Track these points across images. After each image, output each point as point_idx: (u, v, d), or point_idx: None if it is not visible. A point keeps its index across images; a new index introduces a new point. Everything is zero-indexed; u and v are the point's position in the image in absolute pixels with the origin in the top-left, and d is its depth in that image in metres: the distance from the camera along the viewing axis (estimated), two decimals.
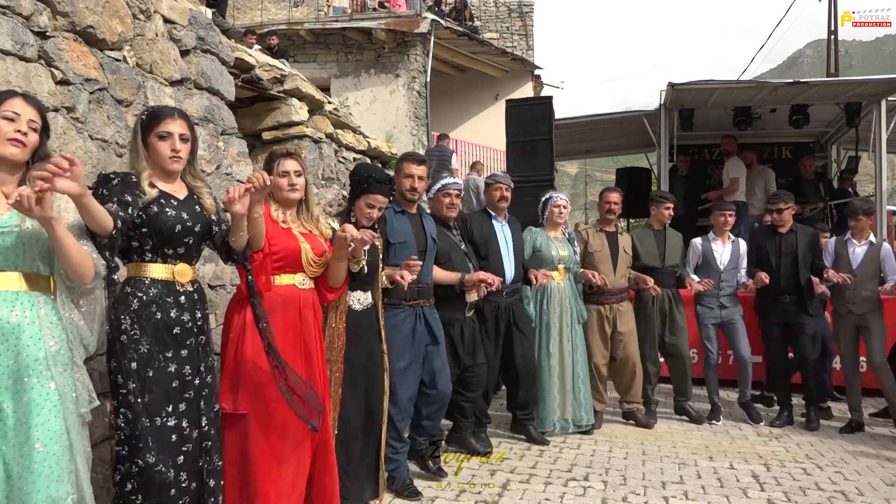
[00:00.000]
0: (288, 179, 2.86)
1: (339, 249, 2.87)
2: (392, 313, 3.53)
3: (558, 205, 4.88)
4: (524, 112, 7.36)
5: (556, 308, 4.75)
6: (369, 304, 3.30)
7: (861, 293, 5.13)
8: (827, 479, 4.10)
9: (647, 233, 5.44)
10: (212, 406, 2.53)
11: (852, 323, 5.20)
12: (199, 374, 2.47)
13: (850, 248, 5.27)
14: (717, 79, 9.87)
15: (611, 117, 9.08)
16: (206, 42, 4.16)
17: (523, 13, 18.15)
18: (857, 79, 7.58)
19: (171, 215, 2.39)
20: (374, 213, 3.24)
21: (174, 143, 2.41)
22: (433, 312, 3.75)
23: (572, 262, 4.87)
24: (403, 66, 13.46)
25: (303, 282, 2.87)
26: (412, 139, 13.18)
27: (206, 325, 2.54)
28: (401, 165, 3.79)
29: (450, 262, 4.03)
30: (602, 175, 33.78)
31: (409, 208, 3.75)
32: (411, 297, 3.60)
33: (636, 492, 3.78)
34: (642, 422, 5.19)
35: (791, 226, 5.36)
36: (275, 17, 14.79)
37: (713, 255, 5.44)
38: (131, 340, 2.30)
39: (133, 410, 2.28)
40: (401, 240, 3.57)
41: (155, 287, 2.38)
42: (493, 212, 4.58)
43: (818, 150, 9.70)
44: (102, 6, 3.24)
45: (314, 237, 2.93)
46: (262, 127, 6.22)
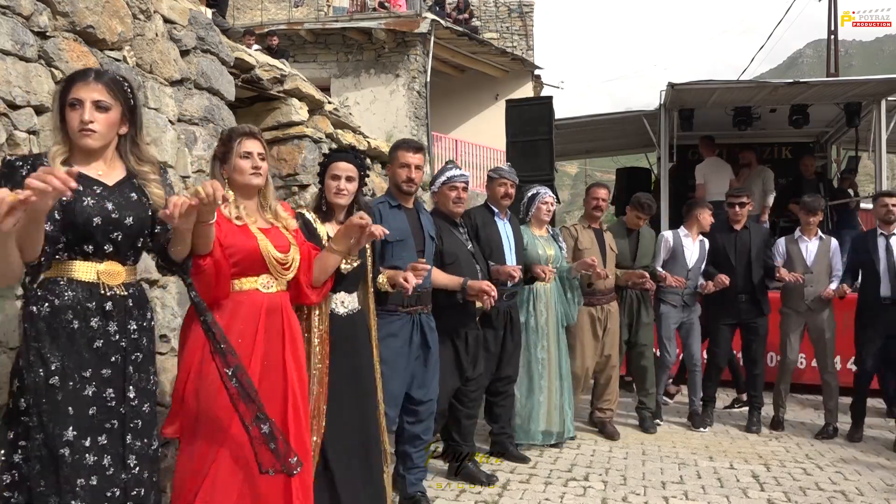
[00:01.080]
0: (251, 161, 2.43)
1: (342, 238, 2.59)
2: (387, 321, 3.19)
3: (546, 202, 4.58)
4: (524, 112, 7.35)
5: (542, 311, 4.47)
6: (355, 309, 2.90)
7: (819, 290, 5.11)
8: (827, 479, 4.10)
9: (621, 231, 5.25)
10: (145, 441, 2.03)
11: (803, 321, 5.19)
12: (126, 399, 1.99)
13: (801, 245, 5.27)
14: (717, 79, 9.88)
15: (611, 117, 9.08)
16: (206, 42, 4.16)
17: (523, 13, 18.15)
18: (857, 79, 7.58)
19: (89, 205, 1.95)
20: (341, 184, 2.84)
21: (83, 112, 1.96)
22: (430, 320, 3.43)
23: (559, 261, 4.58)
24: (403, 66, 13.46)
25: (267, 285, 2.43)
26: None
27: (144, 338, 2.09)
28: (395, 154, 3.40)
29: (457, 264, 3.70)
30: (602, 175, 33.75)
31: (405, 202, 3.39)
32: (409, 303, 3.26)
33: (636, 492, 3.78)
34: (609, 431, 4.94)
35: (745, 223, 5.31)
36: (275, 17, 14.80)
37: (683, 252, 5.26)
38: (39, 356, 1.86)
39: (34, 444, 1.83)
40: (398, 237, 3.21)
41: (72, 290, 1.94)
42: (495, 208, 4.30)
43: (818, 150, 9.70)
44: (102, 6, 3.24)
45: (276, 231, 2.50)
46: (262, 127, 6.20)
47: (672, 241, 5.32)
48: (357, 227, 2.55)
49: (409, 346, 3.29)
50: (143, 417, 2.04)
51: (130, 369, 2.02)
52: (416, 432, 3.43)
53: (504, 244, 4.20)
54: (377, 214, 3.23)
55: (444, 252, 3.68)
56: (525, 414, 4.46)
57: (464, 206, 3.86)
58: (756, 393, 5.27)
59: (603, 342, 4.89)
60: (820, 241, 5.27)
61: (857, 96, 7.60)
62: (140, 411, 2.03)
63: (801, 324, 5.21)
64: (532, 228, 4.60)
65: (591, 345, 4.85)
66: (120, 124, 2.09)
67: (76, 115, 1.98)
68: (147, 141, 2.28)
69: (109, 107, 2.02)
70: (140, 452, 2.01)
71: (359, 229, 2.56)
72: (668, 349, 5.26)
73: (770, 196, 8.04)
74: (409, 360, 3.30)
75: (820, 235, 5.30)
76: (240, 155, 2.43)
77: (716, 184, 7.91)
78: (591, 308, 4.83)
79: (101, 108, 2.00)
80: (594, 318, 4.85)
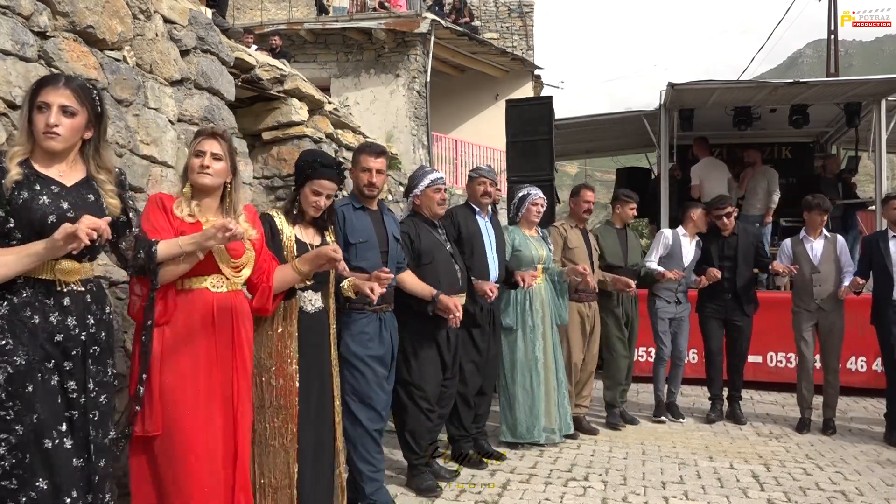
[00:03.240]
0: (201, 160, 2.44)
1: (310, 262, 2.64)
2: (355, 319, 3.25)
3: (536, 202, 4.61)
4: (524, 112, 7.36)
5: (538, 310, 4.51)
6: (320, 307, 2.97)
7: (829, 288, 5.17)
8: (827, 479, 4.10)
9: (610, 231, 5.37)
10: (102, 432, 2.11)
11: (814, 320, 5.22)
12: (87, 391, 2.06)
13: (807, 245, 5.32)
14: (717, 79, 9.89)
15: (611, 117, 9.08)
16: (206, 42, 4.16)
17: (523, 13, 18.14)
18: (857, 79, 7.59)
19: (44, 203, 2.00)
20: (321, 201, 2.89)
21: (49, 115, 2.03)
22: (393, 319, 3.45)
23: (549, 261, 4.66)
24: (403, 66, 13.45)
25: (217, 284, 2.46)
26: (412, 139, 13.17)
27: (102, 332, 2.14)
28: (357, 158, 3.44)
29: (433, 264, 3.72)
30: (602, 175, 33.75)
31: (368, 204, 3.44)
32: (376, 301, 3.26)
33: (636, 492, 3.78)
34: (587, 428, 5.01)
35: (733, 228, 5.42)
36: (275, 17, 14.80)
37: (681, 250, 5.42)
38: (2, 351, 1.93)
39: (15, 435, 1.91)
40: (361, 239, 3.29)
41: (30, 287, 2.00)
42: (476, 207, 4.29)
43: (818, 150, 9.71)
44: (102, 6, 3.24)
45: None
46: (262, 127, 6.21)
47: (671, 239, 5.44)
48: (328, 258, 2.61)
49: (380, 341, 3.33)
50: (101, 409, 2.11)
51: (90, 362, 2.08)
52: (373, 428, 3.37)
53: (485, 243, 4.20)
54: (340, 217, 3.27)
55: (421, 252, 3.71)
56: (525, 413, 4.47)
57: (445, 208, 3.91)
58: (736, 387, 5.47)
59: (589, 339, 4.99)
60: (826, 239, 5.29)
61: (857, 96, 7.60)
62: (98, 402, 2.10)
63: (813, 322, 5.23)
64: (522, 229, 4.65)
65: (578, 340, 4.93)
66: (85, 129, 2.14)
67: (42, 118, 2.04)
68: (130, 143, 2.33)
69: (76, 112, 2.08)
70: (98, 443, 2.08)
71: (329, 262, 2.63)
72: (664, 342, 5.39)
73: (775, 196, 8.05)
74: (385, 353, 3.36)
75: (825, 234, 5.33)
76: (193, 153, 2.48)
77: (712, 184, 7.94)
78: (580, 305, 4.92)
79: (68, 113, 2.06)
80: (583, 315, 4.94)
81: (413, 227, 3.77)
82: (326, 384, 2.98)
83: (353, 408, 3.23)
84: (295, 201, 2.96)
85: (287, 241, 2.88)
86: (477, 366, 4.13)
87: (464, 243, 4.08)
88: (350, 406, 3.22)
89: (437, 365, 3.75)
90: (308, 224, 2.99)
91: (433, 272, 3.70)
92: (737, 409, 5.50)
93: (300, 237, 2.94)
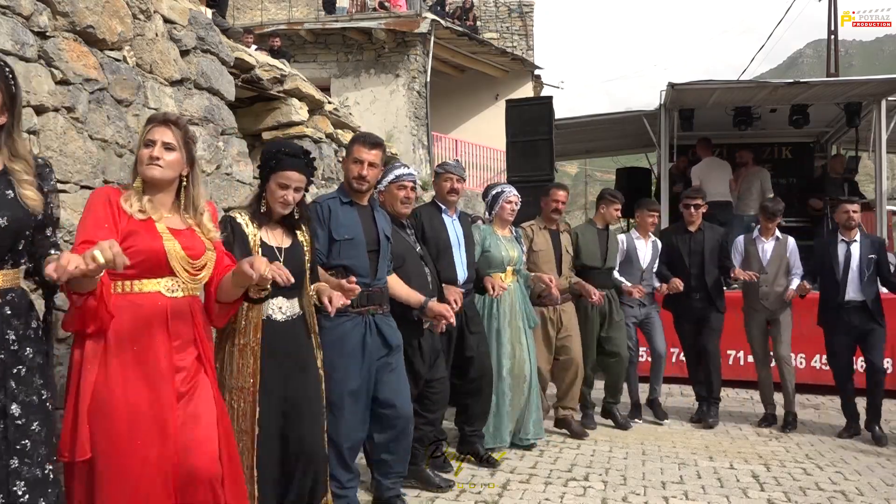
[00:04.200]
0: (150, 151, 2.16)
1: (239, 279, 2.24)
2: (336, 323, 2.96)
3: (510, 201, 4.41)
4: (524, 112, 7.37)
5: (506, 312, 4.31)
6: (295, 314, 2.67)
7: (774, 289, 5.25)
8: (827, 479, 4.10)
9: (591, 231, 5.17)
10: (37, 463, 1.81)
11: (764, 318, 5.32)
12: (9, 417, 1.77)
13: (758, 246, 5.40)
14: (717, 79, 9.90)
15: (611, 117, 9.09)
16: (206, 42, 4.16)
17: (523, 13, 18.15)
18: (857, 79, 7.60)
19: None
20: (288, 195, 2.60)
21: None
22: (388, 320, 3.19)
23: (521, 263, 4.45)
24: (403, 66, 13.45)
25: (172, 288, 2.15)
26: (412, 139, 13.18)
27: (28, 348, 1.87)
28: (350, 148, 3.20)
29: (404, 268, 3.47)
30: (602, 175, 33.75)
31: (358, 199, 3.18)
32: (359, 303, 3.02)
33: (636, 492, 3.78)
34: (576, 431, 4.84)
35: (700, 225, 5.39)
36: (275, 17, 14.80)
37: (636, 253, 5.33)
38: None
39: None
40: (347, 236, 3.03)
41: None
42: (443, 205, 4.04)
43: (818, 150, 9.72)
44: (102, 6, 3.24)
45: (192, 235, 2.23)
46: (262, 127, 6.21)
47: (626, 244, 5.36)
48: (242, 271, 2.16)
49: (363, 349, 3.05)
50: (32, 437, 1.80)
51: (12, 384, 1.80)
52: (384, 441, 3.21)
53: (452, 243, 3.96)
54: (326, 211, 3.06)
55: (391, 255, 3.44)
56: (491, 418, 4.28)
57: (411, 208, 3.67)
58: (713, 389, 5.38)
59: (559, 343, 4.78)
60: (777, 241, 5.39)
61: (857, 96, 7.61)
62: (27, 430, 1.80)
63: (763, 320, 5.34)
64: (495, 228, 4.45)
65: (542, 345, 4.71)
66: None
67: None
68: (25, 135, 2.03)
69: None
70: (29, 477, 1.78)
71: (247, 279, 2.18)
72: (632, 346, 5.27)
73: (768, 195, 8.06)
74: (364, 364, 3.05)
75: (777, 236, 5.42)
76: (143, 142, 2.19)
77: (714, 184, 7.97)
78: (544, 309, 4.74)
79: None
80: (547, 319, 4.74)
81: None
82: (308, 400, 2.66)
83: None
84: (261, 199, 2.67)
85: (252, 244, 2.57)
86: (452, 370, 3.92)
87: (428, 244, 3.83)
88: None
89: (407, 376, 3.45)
90: (276, 224, 2.69)
91: (403, 277, 3.45)
92: (713, 411, 5.34)
93: (266, 240, 2.63)
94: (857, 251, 5.03)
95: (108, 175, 3.17)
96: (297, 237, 2.74)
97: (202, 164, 3.84)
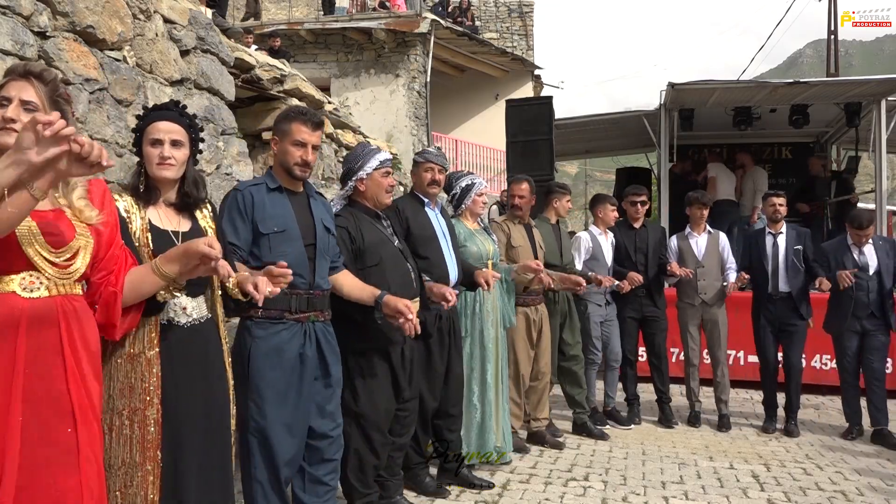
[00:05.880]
0: (3, 112, 1.69)
1: (177, 260, 1.87)
2: (269, 332, 2.49)
3: (482, 193, 4.10)
4: (524, 112, 7.36)
5: (489, 313, 3.93)
6: (203, 317, 2.15)
7: (712, 283, 5.29)
8: (827, 479, 4.11)
9: (544, 227, 4.83)
10: None
11: (699, 315, 5.34)
12: None
13: (691, 241, 5.43)
14: (717, 79, 9.91)
15: (611, 117, 9.10)
16: (206, 42, 4.16)
17: (523, 13, 18.17)
18: (857, 79, 7.60)
19: None
20: (165, 150, 2.07)
21: None
22: (328, 329, 2.68)
23: (497, 257, 4.07)
24: (403, 66, 13.46)
25: (31, 286, 1.67)
26: (412, 139, 13.18)
27: None
28: (288, 127, 2.64)
29: (381, 265, 3.02)
30: (602, 175, 33.75)
31: (291, 186, 2.69)
32: (299, 307, 2.55)
33: (636, 492, 3.78)
34: (553, 442, 4.57)
35: (643, 222, 5.42)
36: (275, 17, 14.80)
37: (601, 249, 5.23)
38: None
39: None
40: (277, 228, 2.53)
41: None
42: (424, 197, 3.67)
43: (818, 150, 9.72)
44: (102, 6, 3.24)
45: (59, 216, 1.74)
46: (262, 127, 6.21)
47: (591, 241, 5.27)
48: (200, 255, 1.82)
49: (302, 365, 2.55)
50: None
51: None
52: (319, 475, 2.69)
53: (439, 237, 3.58)
54: (248, 200, 2.55)
55: (364, 251, 3.00)
56: (476, 430, 3.93)
57: (391, 197, 3.26)
58: (664, 388, 5.36)
59: (537, 348, 4.46)
60: (709, 235, 5.43)
61: (857, 96, 7.61)
62: None
63: (698, 316, 5.36)
64: (465, 221, 4.07)
65: (525, 348, 4.37)
66: None
67: None
68: None
69: None
70: None
71: (202, 259, 1.84)
72: (596, 348, 5.16)
73: (760, 195, 8.10)
74: (303, 385, 2.56)
75: (708, 230, 5.45)
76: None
77: (726, 184, 8.24)
78: (527, 309, 4.38)
79: None
80: (529, 321, 4.39)
81: (352, 221, 3.03)
82: (219, 422, 2.15)
83: (252, 449, 2.51)
84: (140, 174, 2.13)
85: (139, 231, 2.05)
86: (435, 384, 3.50)
87: (416, 241, 3.43)
88: (250, 447, 2.51)
89: (388, 389, 3.08)
90: (170, 204, 2.15)
91: (380, 275, 2.99)
92: (666, 410, 5.30)
93: (157, 222, 2.10)
94: (784, 243, 5.15)
95: (108, 175, 3.17)
96: (196, 220, 2.21)
97: (203, 163, 3.84)
